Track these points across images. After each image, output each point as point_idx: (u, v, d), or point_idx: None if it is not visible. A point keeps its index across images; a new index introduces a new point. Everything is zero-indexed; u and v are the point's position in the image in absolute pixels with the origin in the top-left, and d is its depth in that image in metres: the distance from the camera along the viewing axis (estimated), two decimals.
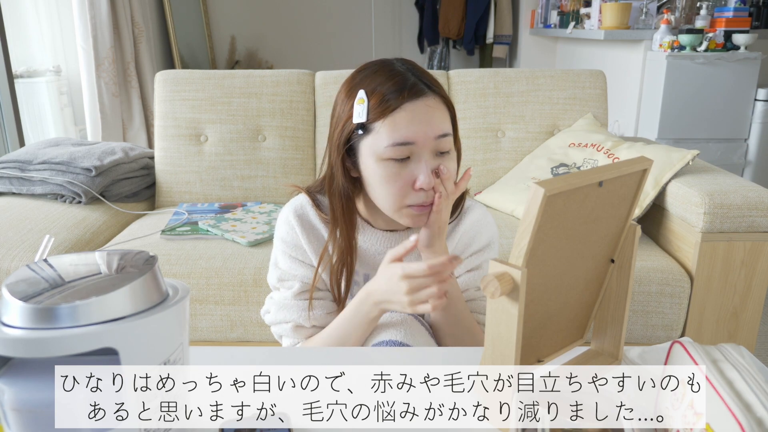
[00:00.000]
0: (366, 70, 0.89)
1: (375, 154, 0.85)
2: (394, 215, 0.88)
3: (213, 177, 1.98)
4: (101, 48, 2.88)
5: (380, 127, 0.84)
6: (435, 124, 0.84)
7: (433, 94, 0.86)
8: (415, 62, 0.90)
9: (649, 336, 1.54)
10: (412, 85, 0.84)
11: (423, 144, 0.84)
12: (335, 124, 0.91)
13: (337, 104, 0.91)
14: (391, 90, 0.84)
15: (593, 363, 0.73)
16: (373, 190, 0.88)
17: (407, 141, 0.83)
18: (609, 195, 0.63)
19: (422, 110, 0.84)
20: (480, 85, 2.00)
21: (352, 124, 0.86)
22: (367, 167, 0.87)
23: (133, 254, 0.57)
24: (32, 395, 0.49)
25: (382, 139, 0.84)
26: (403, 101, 0.83)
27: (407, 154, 0.84)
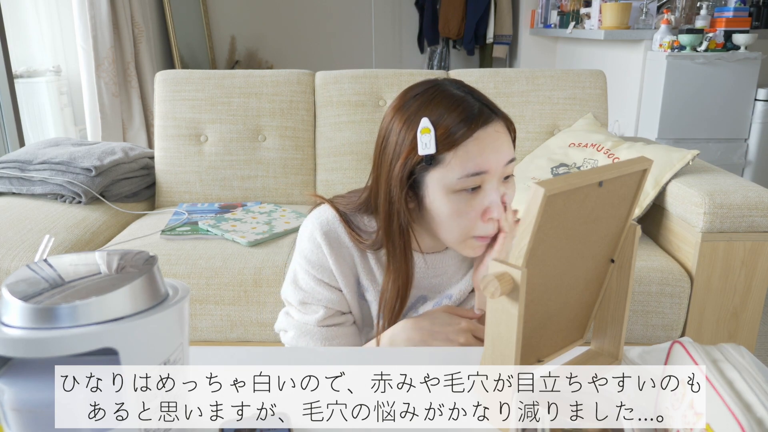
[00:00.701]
0: (421, 96, 0.83)
1: (446, 186, 0.81)
2: (458, 246, 0.86)
3: (213, 177, 1.98)
4: (101, 48, 2.88)
5: (451, 158, 0.80)
6: (505, 150, 0.82)
7: (498, 119, 0.83)
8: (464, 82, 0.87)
9: (649, 336, 1.54)
10: (479, 111, 0.81)
11: (494, 172, 0.81)
12: (393, 155, 0.84)
13: (391, 134, 0.84)
14: (459, 119, 0.80)
15: (593, 363, 0.73)
16: (441, 223, 0.84)
17: (481, 171, 0.80)
18: (609, 195, 0.63)
19: (493, 137, 0.81)
20: (480, 85, 2.00)
21: (417, 156, 0.81)
22: (435, 200, 0.82)
23: (133, 254, 0.57)
24: (32, 395, 0.49)
25: (454, 171, 0.80)
26: (475, 130, 0.79)
27: (479, 183, 0.81)
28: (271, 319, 1.53)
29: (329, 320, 0.96)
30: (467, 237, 0.84)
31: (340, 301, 0.95)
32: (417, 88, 0.85)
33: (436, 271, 0.95)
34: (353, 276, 0.94)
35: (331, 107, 2.00)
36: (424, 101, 0.82)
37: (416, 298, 0.97)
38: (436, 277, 0.96)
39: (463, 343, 0.87)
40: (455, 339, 0.87)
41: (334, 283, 0.94)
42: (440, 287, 0.97)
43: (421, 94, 0.83)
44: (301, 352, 0.83)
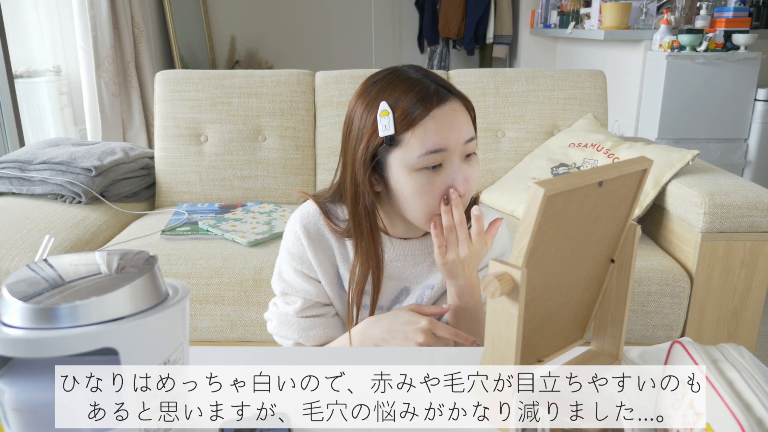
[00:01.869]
0: (380, 81, 0.87)
1: (407, 165, 0.83)
2: (425, 224, 0.88)
3: (213, 177, 1.98)
4: (101, 48, 2.88)
5: (410, 137, 0.82)
6: (462, 128, 0.84)
7: (455, 98, 0.85)
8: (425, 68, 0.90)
9: (649, 336, 1.54)
10: (435, 91, 0.84)
11: (454, 149, 0.83)
12: (356, 139, 0.88)
13: (354, 119, 0.88)
14: (415, 99, 0.83)
15: (593, 363, 0.73)
16: (405, 202, 0.86)
17: (440, 148, 0.82)
18: (609, 195, 0.63)
19: (450, 115, 0.83)
20: (480, 85, 2.00)
21: (378, 138, 0.84)
22: (398, 180, 0.85)
23: (133, 254, 0.57)
24: (32, 395, 0.49)
25: (414, 150, 0.82)
26: (431, 109, 0.82)
27: (439, 161, 0.83)
28: None
29: (308, 311, 0.99)
30: (432, 215, 0.86)
31: (319, 293, 0.99)
32: (377, 75, 0.89)
33: (416, 259, 0.97)
34: (332, 267, 0.97)
35: (331, 107, 2.00)
36: (383, 86, 0.86)
37: (399, 291, 0.98)
38: (416, 265, 0.97)
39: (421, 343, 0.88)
40: (413, 338, 0.88)
41: (313, 274, 0.97)
42: (421, 277, 0.98)
43: (381, 79, 0.87)
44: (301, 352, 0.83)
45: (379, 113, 0.84)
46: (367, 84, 0.88)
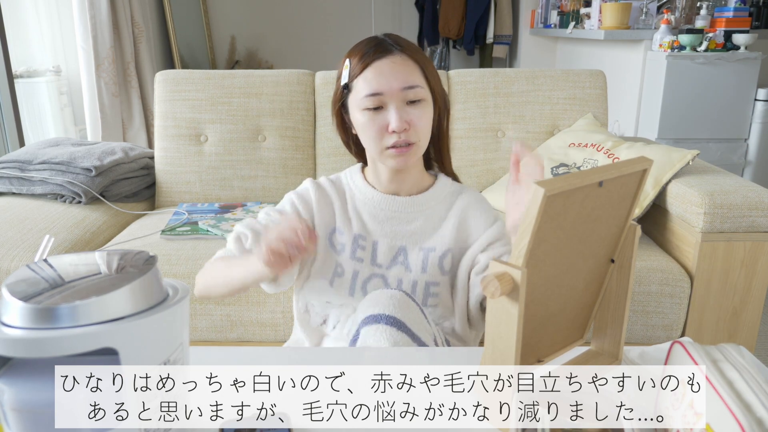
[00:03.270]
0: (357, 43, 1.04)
1: (357, 106, 1.00)
2: (379, 158, 1.01)
3: (213, 177, 1.98)
4: (101, 48, 2.88)
5: (357, 82, 0.99)
6: (400, 77, 0.97)
7: (400, 52, 0.99)
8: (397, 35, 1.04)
9: (649, 336, 1.54)
10: (381, 45, 0.99)
11: (391, 94, 0.97)
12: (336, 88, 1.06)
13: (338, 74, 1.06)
14: (364, 51, 0.99)
15: (593, 363, 0.73)
16: (362, 139, 1.02)
17: (376, 92, 0.97)
18: (609, 195, 0.63)
19: (388, 66, 0.98)
20: (480, 85, 2.00)
21: (340, 85, 1.03)
22: (355, 119, 1.02)
23: (133, 254, 0.57)
24: (32, 395, 0.49)
25: (359, 93, 0.98)
26: (373, 60, 0.98)
27: (379, 103, 0.97)
28: (271, 319, 1.53)
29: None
30: (381, 148, 0.99)
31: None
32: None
33: (408, 216, 1.06)
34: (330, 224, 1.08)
35: (330, 107, 2.00)
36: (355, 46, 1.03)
37: (396, 251, 1.06)
38: (409, 223, 1.06)
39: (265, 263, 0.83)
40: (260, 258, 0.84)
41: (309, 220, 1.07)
42: (417, 237, 1.06)
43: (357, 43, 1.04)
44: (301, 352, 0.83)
45: (343, 66, 1.03)
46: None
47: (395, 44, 1.01)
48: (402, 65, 0.99)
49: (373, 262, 1.06)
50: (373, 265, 1.05)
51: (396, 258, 1.06)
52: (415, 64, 1.00)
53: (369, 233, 1.07)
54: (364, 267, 1.05)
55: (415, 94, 0.99)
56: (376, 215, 1.06)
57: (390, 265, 1.05)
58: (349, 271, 1.05)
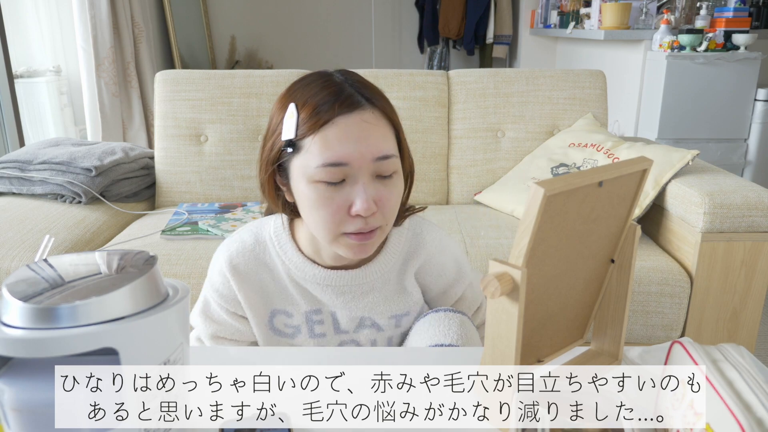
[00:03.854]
0: (302, 81, 0.79)
1: (305, 175, 0.74)
2: (332, 245, 0.78)
3: (213, 177, 1.98)
4: (101, 48, 2.88)
5: (310, 144, 0.73)
6: (372, 142, 0.74)
7: (372, 107, 0.75)
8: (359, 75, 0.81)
9: (649, 336, 1.54)
10: (347, 96, 0.74)
11: (359, 166, 0.73)
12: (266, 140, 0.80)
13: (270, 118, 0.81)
14: (322, 101, 0.74)
15: (593, 363, 0.73)
16: (307, 217, 0.78)
17: (340, 162, 0.73)
18: (609, 195, 0.63)
19: (357, 126, 0.73)
20: (480, 85, 2.00)
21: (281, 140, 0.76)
22: (298, 191, 0.77)
23: (133, 254, 0.57)
24: (32, 395, 0.49)
25: (312, 159, 0.73)
26: (335, 114, 0.73)
27: (341, 176, 0.73)
28: None
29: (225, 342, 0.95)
30: (337, 234, 0.76)
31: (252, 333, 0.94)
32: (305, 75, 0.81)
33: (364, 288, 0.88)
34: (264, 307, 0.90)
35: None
36: (300, 86, 0.78)
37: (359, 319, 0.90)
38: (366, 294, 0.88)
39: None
40: None
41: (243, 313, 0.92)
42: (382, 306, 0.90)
43: (300, 81, 0.79)
44: (301, 352, 0.83)
45: (287, 114, 0.76)
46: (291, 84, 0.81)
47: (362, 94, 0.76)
48: (375, 127, 0.75)
49: (337, 330, 0.91)
50: (339, 333, 0.91)
51: (362, 324, 0.90)
52: (388, 124, 0.77)
53: (323, 305, 0.89)
54: (329, 339, 0.91)
55: (388, 166, 0.75)
56: (324, 289, 0.87)
57: (357, 329, 0.90)
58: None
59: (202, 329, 0.95)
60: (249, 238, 0.88)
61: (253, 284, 0.88)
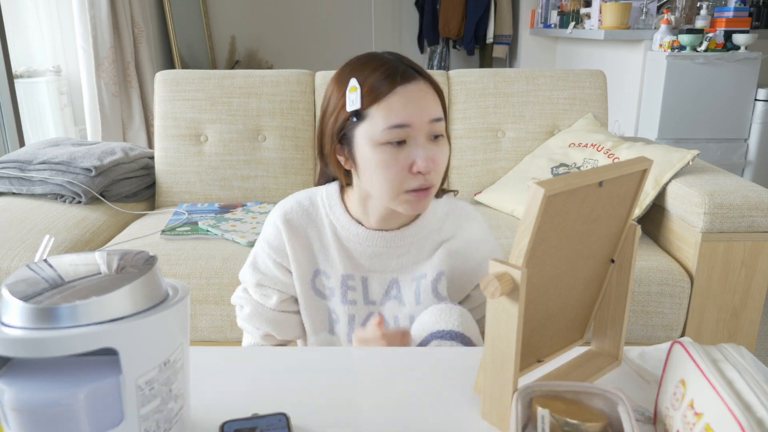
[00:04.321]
0: (354, 61, 0.91)
1: (371, 139, 0.85)
2: (392, 202, 0.88)
3: (213, 177, 1.98)
4: (101, 48, 2.88)
5: (375, 112, 0.84)
6: (428, 107, 0.85)
7: (423, 79, 0.87)
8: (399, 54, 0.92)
9: (649, 336, 1.54)
10: (402, 70, 0.86)
11: (418, 127, 0.84)
12: (328, 115, 0.91)
13: (328, 97, 0.91)
14: (382, 76, 0.85)
15: (593, 363, 0.73)
16: (370, 178, 0.87)
17: (403, 123, 0.84)
18: (609, 195, 0.63)
19: (415, 93, 0.85)
20: (480, 85, 2.00)
21: (346, 112, 0.87)
22: (364, 154, 0.86)
23: (133, 254, 0.57)
24: (32, 395, 0.49)
25: (378, 124, 0.84)
26: (396, 85, 0.84)
27: (403, 137, 0.84)
28: None
29: (284, 305, 1.01)
30: (399, 191, 0.86)
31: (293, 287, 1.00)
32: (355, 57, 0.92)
33: (398, 251, 0.96)
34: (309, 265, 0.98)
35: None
36: (355, 65, 0.89)
37: (388, 283, 0.97)
38: (399, 256, 0.96)
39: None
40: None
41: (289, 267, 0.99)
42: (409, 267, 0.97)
43: (355, 60, 0.91)
44: (301, 352, 0.83)
45: (348, 89, 0.86)
46: (343, 66, 0.92)
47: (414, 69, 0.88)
48: (428, 94, 0.87)
49: (366, 300, 0.98)
50: (367, 304, 0.98)
51: (389, 292, 0.98)
52: (436, 93, 0.89)
53: (357, 270, 0.97)
54: (359, 309, 0.98)
55: (440, 127, 0.87)
56: (363, 251, 0.96)
57: (383, 300, 0.98)
58: (344, 316, 0.98)
59: (249, 278, 1.02)
60: (304, 198, 0.99)
61: (301, 239, 0.97)
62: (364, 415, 0.65)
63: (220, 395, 0.68)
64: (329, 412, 0.65)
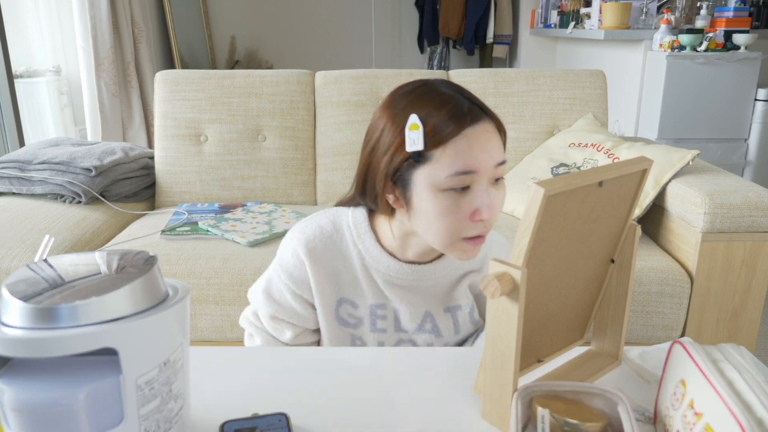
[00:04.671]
0: (410, 93, 0.82)
1: (433, 184, 0.78)
2: (447, 249, 0.82)
3: (213, 177, 1.98)
4: (101, 48, 2.88)
5: (439, 155, 0.77)
6: (494, 150, 0.79)
7: (489, 119, 0.81)
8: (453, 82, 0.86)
9: (649, 336, 1.54)
10: (469, 109, 0.79)
11: (484, 172, 0.78)
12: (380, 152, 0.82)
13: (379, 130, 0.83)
14: (448, 115, 0.78)
15: (593, 363, 0.73)
16: (427, 223, 0.81)
17: (469, 170, 0.77)
18: (609, 195, 0.63)
19: (483, 136, 0.78)
20: (480, 85, 2.00)
21: (404, 152, 0.79)
22: (422, 199, 0.79)
23: (133, 254, 0.57)
24: (32, 395, 0.49)
25: (442, 169, 0.77)
26: (464, 127, 0.77)
27: (468, 183, 0.78)
28: None
29: (299, 339, 0.96)
30: (456, 239, 0.80)
31: (313, 320, 0.95)
32: (406, 87, 0.84)
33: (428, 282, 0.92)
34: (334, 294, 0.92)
35: (331, 107, 2.00)
36: (412, 99, 0.81)
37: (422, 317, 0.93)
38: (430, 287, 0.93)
39: None
40: None
41: (310, 299, 0.93)
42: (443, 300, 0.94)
43: (410, 92, 0.83)
44: (301, 351, 0.83)
45: (408, 126, 0.78)
46: (395, 95, 0.84)
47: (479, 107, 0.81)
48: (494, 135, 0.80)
49: (397, 328, 0.94)
50: (399, 332, 0.94)
51: (423, 326, 0.94)
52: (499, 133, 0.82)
53: (387, 299, 0.92)
54: (389, 336, 0.94)
55: (503, 171, 0.80)
56: (393, 282, 0.91)
57: (417, 330, 0.94)
58: (373, 343, 0.94)
59: (263, 308, 0.96)
60: (327, 224, 0.92)
61: (326, 269, 0.91)
62: (364, 415, 0.65)
63: (220, 395, 0.68)
64: (329, 412, 0.65)
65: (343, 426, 0.63)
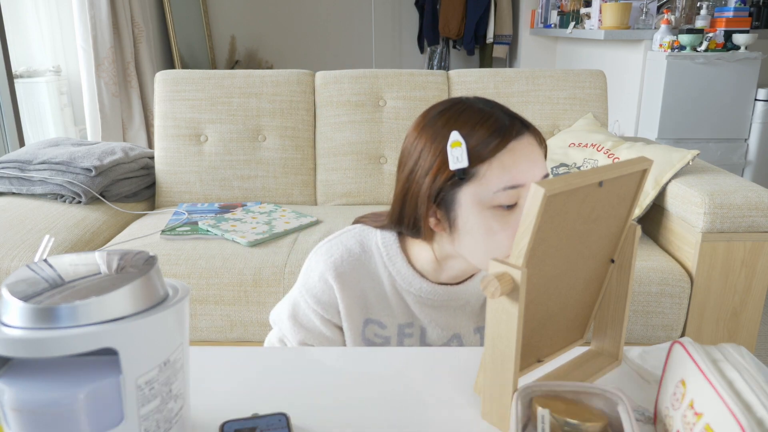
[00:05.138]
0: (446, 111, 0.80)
1: (480, 202, 0.75)
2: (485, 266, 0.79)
3: (213, 177, 1.98)
4: (101, 48, 2.88)
5: (486, 171, 0.74)
6: (540, 163, 0.77)
7: (530, 132, 0.78)
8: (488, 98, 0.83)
9: (649, 336, 1.54)
10: (511, 123, 0.77)
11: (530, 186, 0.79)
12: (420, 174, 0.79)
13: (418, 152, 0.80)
14: (491, 129, 0.75)
15: (593, 363, 0.73)
16: (473, 243, 0.78)
17: (518, 183, 0.74)
18: (609, 195, 0.63)
19: (527, 149, 0.76)
20: (480, 85, 2.00)
21: (448, 171, 0.76)
22: (468, 218, 0.77)
23: (133, 254, 0.57)
24: (32, 395, 0.49)
25: (489, 184, 0.74)
26: (509, 140, 0.75)
27: (516, 198, 0.75)
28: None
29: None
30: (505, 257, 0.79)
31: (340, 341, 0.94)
32: (440, 106, 0.82)
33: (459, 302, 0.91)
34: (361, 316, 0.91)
35: (331, 107, 2.00)
36: (450, 116, 0.78)
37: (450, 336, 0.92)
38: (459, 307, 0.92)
39: None
40: None
41: (338, 322, 0.92)
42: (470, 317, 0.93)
43: (446, 110, 0.80)
44: (301, 351, 0.83)
45: (450, 144, 0.75)
46: (429, 114, 0.81)
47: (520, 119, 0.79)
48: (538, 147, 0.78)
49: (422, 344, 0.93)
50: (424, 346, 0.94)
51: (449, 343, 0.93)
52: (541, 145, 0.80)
53: (416, 319, 0.91)
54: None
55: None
56: (423, 302, 0.89)
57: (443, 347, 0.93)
58: None
59: (291, 335, 0.94)
60: (354, 245, 0.89)
61: (354, 291, 0.89)
62: (364, 415, 0.65)
63: (220, 395, 0.68)
64: (329, 412, 0.65)
65: (343, 426, 0.63)
